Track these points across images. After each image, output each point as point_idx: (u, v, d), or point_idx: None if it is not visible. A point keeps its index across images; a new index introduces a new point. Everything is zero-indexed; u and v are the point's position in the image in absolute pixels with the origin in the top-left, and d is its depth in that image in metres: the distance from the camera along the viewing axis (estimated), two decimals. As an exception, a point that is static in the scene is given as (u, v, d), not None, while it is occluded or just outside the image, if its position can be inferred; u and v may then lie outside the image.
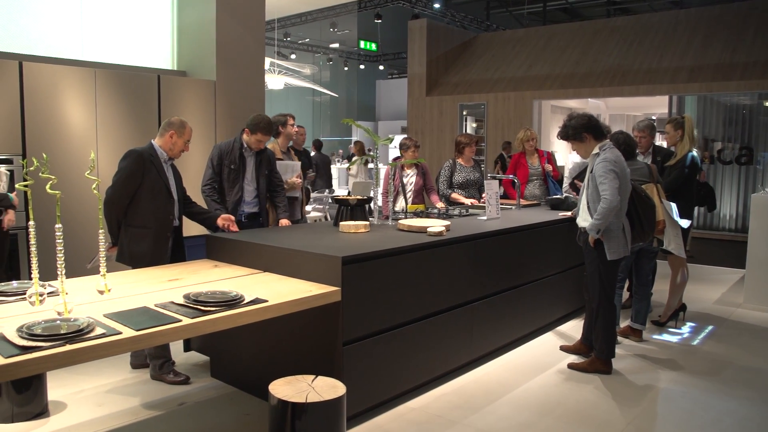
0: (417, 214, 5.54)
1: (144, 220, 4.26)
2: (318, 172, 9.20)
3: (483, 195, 6.21)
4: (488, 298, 4.76)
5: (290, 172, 5.69)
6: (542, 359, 4.90)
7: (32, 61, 5.89)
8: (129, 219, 4.27)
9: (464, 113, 13.04)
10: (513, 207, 6.37)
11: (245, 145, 5.11)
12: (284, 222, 5.20)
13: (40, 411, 3.85)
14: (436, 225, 4.53)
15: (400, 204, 6.32)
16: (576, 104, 13.10)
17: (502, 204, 6.05)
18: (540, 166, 7.13)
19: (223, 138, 7.04)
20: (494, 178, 6.12)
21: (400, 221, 4.76)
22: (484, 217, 5.43)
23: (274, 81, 16.12)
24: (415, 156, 6.39)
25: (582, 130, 4.53)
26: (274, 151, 5.55)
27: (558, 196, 6.53)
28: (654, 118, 13.83)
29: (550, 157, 7.41)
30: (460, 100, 12.92)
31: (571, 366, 4.70)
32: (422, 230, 4.49)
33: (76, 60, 6.52)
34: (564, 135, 4.67)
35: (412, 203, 6.31)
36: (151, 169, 4.26)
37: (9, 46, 6.09)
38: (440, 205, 6.15)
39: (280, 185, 5.39)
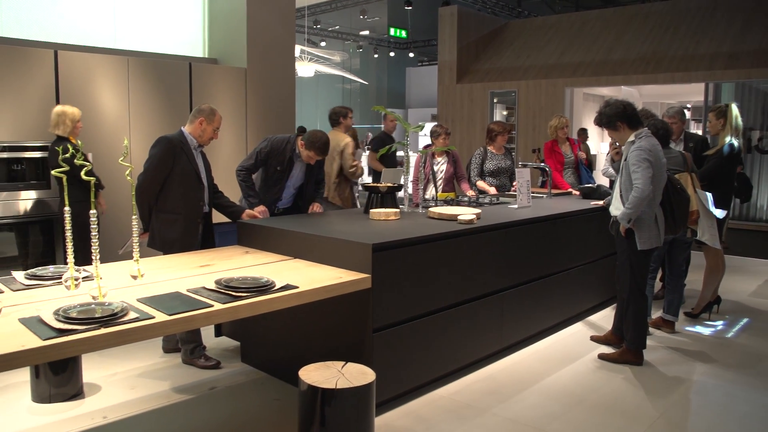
0: (447, 202, 5.51)
1: (175, 206, 4.30)
2: None
3: (514, 183, 6.16)
4: (519, 287, 4.73)
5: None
6: (572, 349, 4.86)
7: (67, 50, 5.97)
8: (160, 205, 4.32)
9: (495, 101, 12.92)
10: (544, 196, 6.31)
11: (297, 151, 5.04)
12: (316, 206, 5.21)
13: (76, 392, 3.93)
14: (466, 213, 4.51)
15: (431, 192, 6.29)
16: (609, 92, 12.90)
17: (533, 192, 5.99)
18: (573, 154, 7.05)
19: (253, 125, 7.08)
20: (525, 165, 6.06)
21: (430, 209, 4.74)
22: (515, 206, 5.39)
23: (305, 68, 16.14)
24: (446, 143, 6.36)
25: (616, 119, 4.46)
26: (347, 146, 6.05)
27: (590, 185, 6.45)
28: (689, 106, 13.57)
29: (581, 145, 7.31)
30: (490, 87, 12.80)
31: (601, 356, 4.66)
32: (453, 218, 4.47)
33: (110, 48, 6.59)
34: (598, 122, 4.60)
35: (443, 191, 6.28)
36: (181, 156, 4.29)
37: (45, 35, 6.17)
38: (471, 193, 6.12)
39: (322, 180, 5.39)
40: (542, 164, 6.80)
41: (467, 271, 4.24)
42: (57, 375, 3.83)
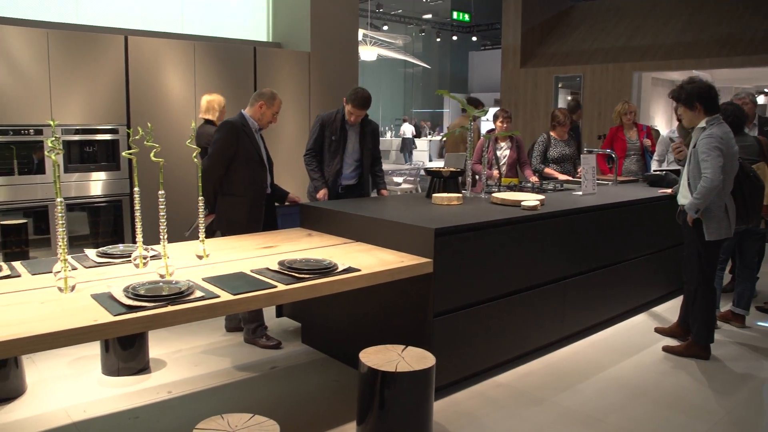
0: (511, 188, 5.44)
1: (239, 188, 4.37)
2: None
3: (579, 169, 6.03)
4: (582, 276, 4.63)
5: None
6: (635, 340, 4.74)
7: (136, 35, 6.12)
8: (225, 188, 4.39)
9: (559, 86, 12.66)
10: (609, 183, 6.16)
11: (346, 117, 5.10)
12: (384, 193, 5.24)
13: (143, 367, 4.05)
14: (530, 199, 4.44)
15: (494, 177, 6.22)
16: (679, 76, 12.46)
17: (598, 179, 5.86)
18: (638, 140, 6.85)
19: (316, 109, 7.12)
20: (590, 152, 5.92)
21: (493, 194, 4.68)
22: (580, 192, 5.27)
23: (367, 52, 16.14)
24: (505, 127, 6.27)
25: (696, 98, 4.24)
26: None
27: (657, 172, 6.25)
28: (767, 90, 13.01)
29: (649, 132, 7.10)
30: (555, 72, 12.55)
31: (666, 349, 4.53)
32: (516, 204, 4.40)
33: (177, 33, 6.72)
34: (676, 96, 4.37)
35: (506, 176, 6.20)
36: (244, 139, 4.35)
37: (115, 21, 6.34)
38: (534, 179, 6.02)
39: (379, 157, 5.41)
40: (608, 150, 6.64)
41: (530, 258, 4.18)
42: (125, 350, 3.96)
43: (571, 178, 6.30)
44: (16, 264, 3.27)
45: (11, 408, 3.54)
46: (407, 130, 21.18)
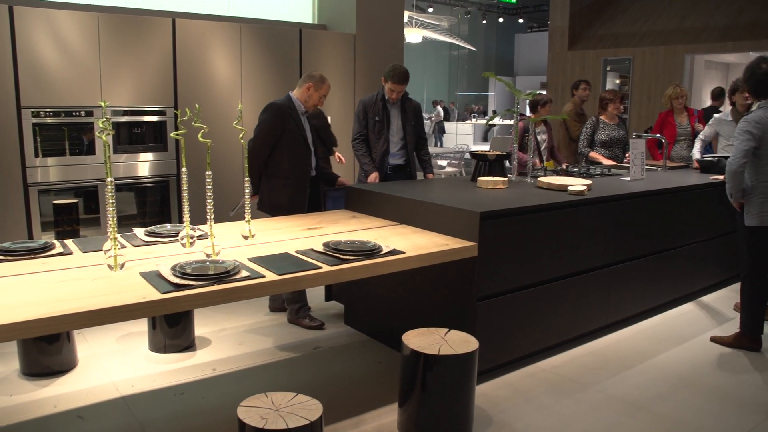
0: (557, 172, 5.36)
1: (284, 171, 4.38)
2: None
3: (627, 154, 5.91)
4: (629, 262, 4.54)
5: None
6: (683, 330, 4.64)
7: (184, 17, 6.17)
8: (270, 170, 4.41)
9: (607, 69, 12.39)
10: (659, 168, 6.02)
11: (387, 97, 5.12)
12: (430, 177, 5.25)
13: (188, 345, 4.12)
14: (577, 184, 4.36)
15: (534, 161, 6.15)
16: (735, 59, 12.11)
17: (647, 165, 5.72)
18: (689, 125, 6.67)
19: (361, 92, 7.10)
20: (639, 136, 5.79)
21: (539, 178, 4.62)
22: (628, 178, 5.17)
23: (413, 35, 16.03)
24: (546, 111, 6.18)
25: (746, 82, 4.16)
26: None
27: (709, 158, 6.08)
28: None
29: (701, 116, 6.90)
30: (603, 54, 12.28)
31: (714, 339, 4.42)
32: (562, 188, 4.34)
33: (223, 16, 6.76)
34: (750, 79, 4.20)
35: (546, 160, 6.13)
36: (289, 122, 4.36)
37: (163, 4, 6.40)
38: (566, 165, 5.95)
39: (424, 138, 5.40)
40: (658, 135, 6.48)
41: (575, 244, 4.12)
42: (171, 327, 4.04)
43: (614, 163, 6.17)
44: (68, 242, 3.35)
45: (64, 380, 3.64)
46: (437, 113, 21.08)
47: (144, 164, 5.87)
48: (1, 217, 5.20)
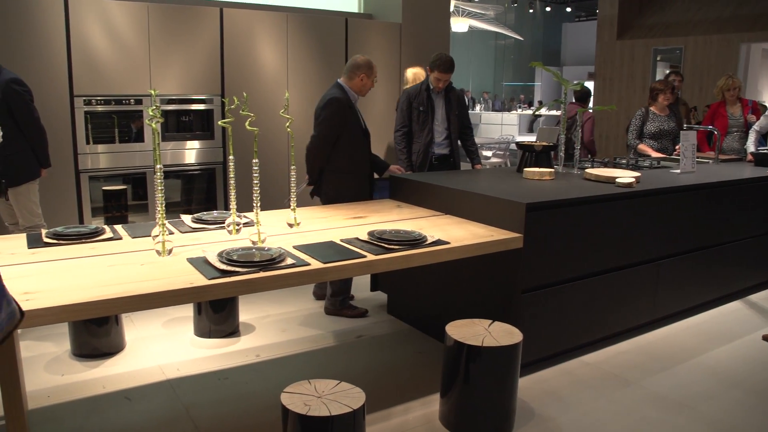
0: (605, 164, 5.26)
1: (347, 164, 4.36)
2: None
3: (677, 147, 5.77)
4: (677, 257, 4.44)
5: None
6: (732, 327, 4.52)
7: (231, 7, 6.22)
8: (333, 164, 4.36)
9: (658, 58, 12.09)
10: (710, 161, 5.86)
11: (431, 86, 5.09)
12: (478, 168, 5.22)
13: (232, 330, 4.18)
14: (625, 176, 4.28)
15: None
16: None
17: (698, 157, 5.58)
18: (742, 116, 6.48)
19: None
20: (690, 128, 5.65)
21: (586, 170, 4.54)
22: (678, 170, 5.04)
23: (459, 24, 15.91)
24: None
25: None
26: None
27: (765, 150, 5.90)
28: None
29: (755, 107, 6.69)
30: (654, 44, 11.98)
31: (766, 338, 4.29)
32: (610, 180, 4.26)
33: (270, 5, 6.80)
34: None
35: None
36: (350, 115, 4.34)
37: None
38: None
39: (470, 128, 5.37)
40: (709, 127, 6.31)
41: (622, 237, 4.04)
42: (216, 313, 4.09)
43: (662, 155, 6.02)
44: (118, 227, 3.42)
45: (112, 362, 3.73)
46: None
47: (191, 152, 5.96)
48: (54, 203, 5.33)
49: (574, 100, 7.52)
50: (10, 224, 4.68)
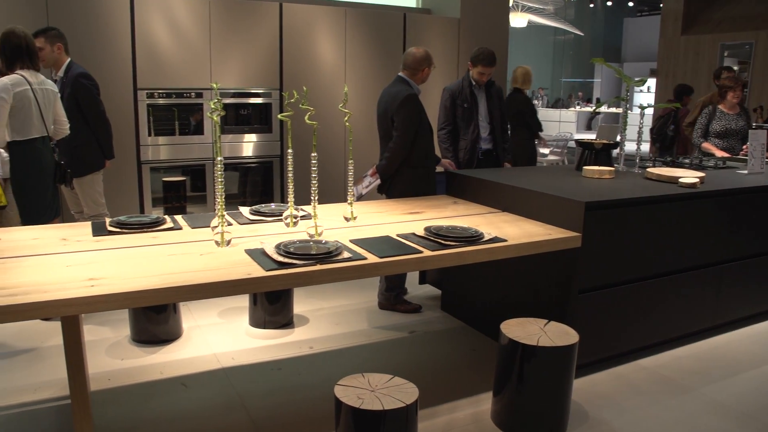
0: (667, 163, 5.13)
1: (419, 159, 4.35)
2: None
3: (744, 146, 5.58)
4: (742, 261, 4.29)
5: None
6: (802, 335, 4.36)
7: (291, 2, 6.28)
8: (412, 161, 4.33)
9: (725, 54, 11.70)
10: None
11: (474, 82, 5.08)
12: (507, 165, 5.19)
13: (287, 322, 4.22)
14: (688, 176, 4.16)
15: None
16: None
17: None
18: None
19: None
20: (760, 127, 5.45)
21: (648, 169, 4.43)
22: (745, 171, 4.87)
23: (518, 19, 15.71)
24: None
25: None
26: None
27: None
28: None
29: None
30: (721, 39, 11.60)
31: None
32: (673, 180, 4.14)
33: (329, 0, 6.83)
34: None
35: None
36: (422, 110, 4.35)
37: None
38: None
39: (507, 126, 5.38)
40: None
41: (684, 239, 3.93)
42: (272, 304, 4.14)
43: (726, 155, 5.83)
44: (178, 217, 3.49)
45: (169, 349, 3.82)
46: None
47: (248, 145, 6.04)
48: (117, 192, 5.48)
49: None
50: (75, 212, 4.83)
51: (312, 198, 3.14)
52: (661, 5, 12.80)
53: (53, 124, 4.22)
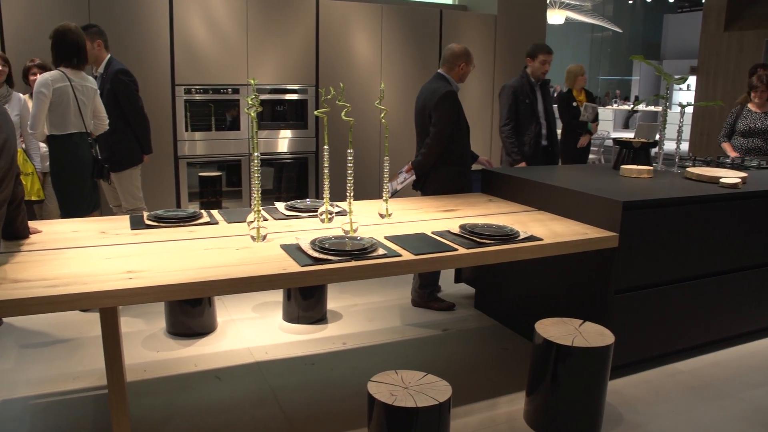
0: (707, 163, 5.03)
1: (456, 157, 4.33)
2: None
3: None
4: (786, 263, 4.20)
5: None
6: None
7: (328, -2, 6.30)
8: (448, 158, 4.31)
9: (769, 51, 11.41)
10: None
11: (539, 72, 5.17)
12: (522, 163, 5.20)
13: (320, 317, 4.24)
14: (730, 176, 4.07)
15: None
16: None
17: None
18: None
19: (501, 73, 7.00)
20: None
21: (688, 169, 4.35)
22: (789, 171, 4.76)
23: (555, 16, 15.53)
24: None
25: None
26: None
27: None
28: None
29: None
30: (766, 35, 11.33)
31: None
32: (713, 180, 4.06)
33: (366, -4, 6.83)
34: None
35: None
36: (460, 107, 4.34)
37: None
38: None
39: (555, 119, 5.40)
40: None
41: (725, 240, 3.85)
42: (305, 299, 4.17)
43: (736, 155, 5.68)
44: (214, 212, 3.53)
45: (204, 342, 3.86)
46: None
47: (284, 141, 6.08)
48: (155, 187, 5.56)
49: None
50: (113, 206, 4.91)
51: (347, 194, 3.15)
52: (703, 1, 12.54)
53: (93, 119, 4.29)
